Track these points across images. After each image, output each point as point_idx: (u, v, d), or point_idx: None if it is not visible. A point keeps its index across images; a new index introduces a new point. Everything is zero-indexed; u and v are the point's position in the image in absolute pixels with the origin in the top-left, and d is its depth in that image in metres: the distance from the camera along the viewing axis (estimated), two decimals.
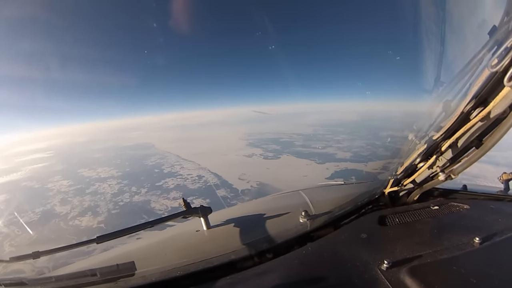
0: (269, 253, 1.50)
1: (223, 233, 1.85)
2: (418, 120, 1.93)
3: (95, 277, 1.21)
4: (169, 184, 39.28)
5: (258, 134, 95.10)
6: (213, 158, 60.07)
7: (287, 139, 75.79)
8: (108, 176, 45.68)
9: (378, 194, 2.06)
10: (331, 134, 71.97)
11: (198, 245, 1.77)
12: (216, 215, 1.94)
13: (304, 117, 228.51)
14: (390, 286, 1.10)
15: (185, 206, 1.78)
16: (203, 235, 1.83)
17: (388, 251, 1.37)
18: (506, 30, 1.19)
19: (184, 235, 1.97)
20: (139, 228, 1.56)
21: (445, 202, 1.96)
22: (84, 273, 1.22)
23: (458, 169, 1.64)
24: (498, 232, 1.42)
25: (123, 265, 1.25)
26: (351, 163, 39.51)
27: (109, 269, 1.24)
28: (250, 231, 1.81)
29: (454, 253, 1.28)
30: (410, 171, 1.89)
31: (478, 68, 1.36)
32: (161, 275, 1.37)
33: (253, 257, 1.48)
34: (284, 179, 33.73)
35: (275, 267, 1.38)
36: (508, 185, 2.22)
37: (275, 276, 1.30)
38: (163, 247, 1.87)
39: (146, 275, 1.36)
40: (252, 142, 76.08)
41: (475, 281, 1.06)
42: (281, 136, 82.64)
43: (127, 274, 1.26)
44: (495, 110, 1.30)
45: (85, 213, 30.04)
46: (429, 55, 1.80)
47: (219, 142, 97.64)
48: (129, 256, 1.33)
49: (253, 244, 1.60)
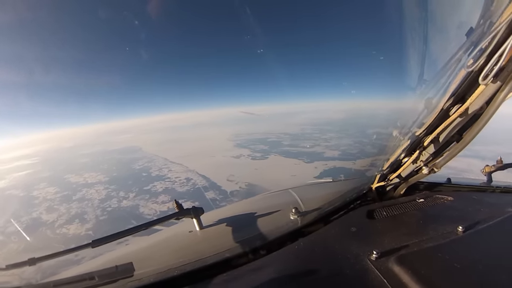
0: (263, 250, 1.53)
1: (216, 232, 1.87)
2: (401, 117, 2.00)
3: (93, 280, 1.21)
4: (157, 187, 38.67)
5: (246, 134, 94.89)
6: (201, 160, 59.55)
7: (275, 139, 75.84)
8: (95, 182, 44.55)
9: (366, 189, 2.12)
10: (319, 133, 72.43)
11: (192, 245, 1.79)
12: (208, 216, 1.96)
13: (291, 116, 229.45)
14: (380, 274, 1.15)
15: (178, 207, 1.79)
16: (196, 236, 1.84)
17: (377, 242, 1.43)
18: (481, 32, 1.26)
19: (177, 236, 1.98)
20: (134, 230, 1.56)
21: (430, 194, 2.05)
22: (82, 276, 1.22)
23: (440, 162, 1.71)
24: (480, 221, 1.50)
25: (122, 266, 1.26)
26: (339, 161, 39.82)
27: (107, 271, 1.24)
28: (242, 230, 1.84)
29: (439, 242, 1.35)
30: (395, 166, 1.95)
31: (456, 67, 1.42)
32: (159, 275, 1.38)
33: (248, 254, 1.51)
34: (272, 179, 33.75)
35: (269, 263, 1.41)
36: (491, 177, 2.36)
37: (270, 271, 1.33)
38: (158, 249, 1.88)
39: (144, 276, 1.37)
40: (240, 143, 75.85)
41: (459, 266, 1.13)
42: (269, 136, 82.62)
43: (126, 276, 1.26)
44: (473, 107, 1.37)
45: (72, 221, 29.18)
46: (411, 54, 1.87)
47: (206, 144, 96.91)
48: (125, 259, 1.34)
49: (247, 242, 1.63)
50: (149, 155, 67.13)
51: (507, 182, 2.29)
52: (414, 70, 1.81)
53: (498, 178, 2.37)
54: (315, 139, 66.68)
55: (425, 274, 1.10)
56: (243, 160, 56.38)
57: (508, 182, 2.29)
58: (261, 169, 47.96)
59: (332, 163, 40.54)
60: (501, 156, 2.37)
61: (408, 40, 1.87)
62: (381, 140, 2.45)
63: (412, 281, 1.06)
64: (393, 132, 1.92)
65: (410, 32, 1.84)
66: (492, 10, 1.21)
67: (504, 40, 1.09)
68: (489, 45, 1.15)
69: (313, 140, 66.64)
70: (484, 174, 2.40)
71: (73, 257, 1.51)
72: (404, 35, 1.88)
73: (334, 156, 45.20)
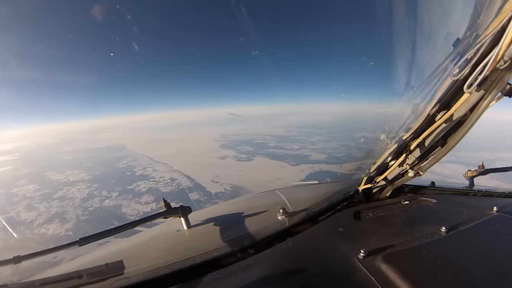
0: (252, 249, 1.54)
1: (204, 232, 1.87)
2: (389, 122, 2.04)
3: (83, 278, 1.19)
4: (141, 187, 37.78)
5: (232, 135, 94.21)
6: (186, 160, 58.81)
7: (261, 140, 75.62)
8: (78, 180, 43.11)
9: (353, 191, 2.15)
10: (305, 136, 72.69)
11: (180, 244, 1.78)
12: (196, 215, 1.95)
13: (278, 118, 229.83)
14: (368, 272, 1.19)
15: (165, 206, 1.79)
16: (184, 235, 1.83)
17: (364, 242, 1.46)
18: (467, 43, 1.32)
19: (165, 235, 1.97)
20: (122, 229, 1.54)
21: (415, 197, 2.12)
22: (71, 275, 1.19)
23: (425, 166, 1.77)
24: (462, 222, 1.57)
25: (112, 264, 1.24)
26: (325, 164, 40.04)
27: (98, 269, 1.22)
28: (230, 229, 1.84)
29: (423, 241, 1.40)
30: (382, 169, 2.00)
31: (443, 75, 1.49)
32: (148, 274, 1.37)
33: (237, 253, 1.51)
34: (258, 181, 33.63)
35: (259, 262, 1.42)
36: (473, 181, 2.47)
37: (259, 269, 1.34)
38: (146, 247, 1.87)
39: (134, 274, 1.36)
40: (226, 143, 75.36)
41: (442, 264, 1.18)
42: (255, 137, 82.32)
43: (116, 274, 1.25)
44: (457, 113, 1.43)
45: (52, 220, 28.09)
46: (400, 61, 1.92)
47: (192, 144, 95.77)
48: (112, 257, 1.31)
49: (235, 241, 1.63)
50: (134, 153, 65.54)
51: (488, 186, 2.40)
52: (402, 77, 1.87)
53: (480, 183, 2.47)
54: (301, 142, 66.91)
55: (411, 271, 1.14)
56: (229, 161, 56.05)
57: (489, 186, 2.40)
58: (246, 171, 47.76)
59: (318, 166, 40.74)
60: (483, 162, 2.48)
61: (397, 47, 1.92)
62: (368, 144, 2.49)
63: (398, 278, 1.10)
64: (380, 136, 1.96)
65: (399, 40, 1.89)
66: (478, 24, 1.28)
67: (488, 52, 1.16)
68: (474, 56, 1.22)
69: (299, 142, 66.82)
70: (467, 179, 2.51)
71: (55, 256, 1.47)
72: (394, 42, 1.92)
73: (321, 159, 45.39)
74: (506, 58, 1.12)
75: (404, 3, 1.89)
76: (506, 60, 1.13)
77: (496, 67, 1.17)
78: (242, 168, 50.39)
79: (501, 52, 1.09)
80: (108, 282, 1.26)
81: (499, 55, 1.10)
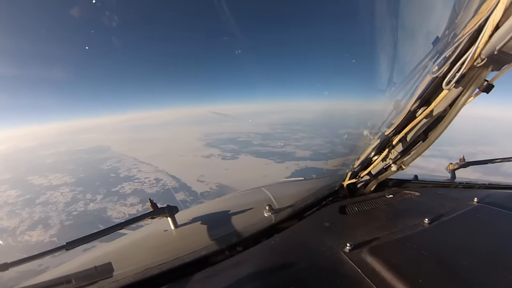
0: (239, 246, 1.55)
1: (191, 231, 1.87)
2: (372, 118, 2.08)
3: (72, 283, 1.16)
4: (126, 189, 37.09)
5: (216, 134, 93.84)
6: (171, 160, 58.17)
7: (245, 138, 75.65)
8: (61, 183, 41.82)
9: (338, 186, 2.17)
10: (289, 133, 73.18)
11: (168, 244, 1.77)
12: (182, 214, 1.94)
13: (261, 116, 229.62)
14: (354, 265, 1.21)
15: (152, 206, 1.76)
16: (172, 235, 1.82)
17: (349, 235, 1.48)
18: (446, 42, 1.37)
19: (153, 236, 1.95)
20: (109, 231, 1.52)
21: (398, 191, 2.16)
22: (60, 279, 1.16)
23: (408, 160, 1.81)
24: (444, 214, 1.62)
25: (101, 267, 1.22)
26: (310, 161, 40.41)
27: (87, 272, 1.19)
28: (217, 228, 1.84)
29: (407, 233, 1.44)
30: (366, 164, 2.02)
31: (423, 72, 1.53)
32: (137, 275, 1.35)
33: (225, 251, 1.52)
34: (243, 180, 33.69)
35: (247, 258, 1.43)
36: (454, 174, 2.55)
37: (248, 266, 1.34)
38: (134, 249, 1.84)
39: (123, 276, 1.34)
40: (210, 142, 75.02)
41: (425, 254, 1.22)
42: (239, 135, 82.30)
43: (106, 277, 1.22)
44: (437, 109, 1.48)
45: (35, 227, 27.10)
46: (382, 59, 1.96)
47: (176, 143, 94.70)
48: (100, 260, 1.29)
49: (223, 239, 1.63)
50: (118, 154, 64.20)
51: (468, 178, 2.48)
52: (384, 74, 1.90)
53: (461, 175, 2.56)
54: (285, 139, 67.27)
55: (396, 262, 1.17)
56: (213, 160, 55.88)
57: (469, 178, 2.49)
58: (232, 170, 47.76)
59: (303, 163, 41.10)
60: (464, 155, 2.57)
61: (379, 45, 1.95)
62: (351, 140, 2.53)
63: (384, 269, 1.13)
64: (363, 132, 2.00)
65: (381, 38, 1.92)
66: (456, 23, 1.33)
67: (466, 50, 1.20)
68: (452, 54, 1.26)
69: (283, 139, 67.15)
70: (448, 172, 2.59)
71: (40, 263, 1.44)
72: (375, 40, 1.96)
73: (305, 156, 45.81)
74: (483, 56, 1.17)
75: (385, 2, 1.93)
76: (483, 58, 1.18)
77: (473, 64, 1.23)
78: (227, 167, 50.34)
79: (478, 51, 1.14)
80: (97, 285, 1.24)
81: (476, 53, 1.15)
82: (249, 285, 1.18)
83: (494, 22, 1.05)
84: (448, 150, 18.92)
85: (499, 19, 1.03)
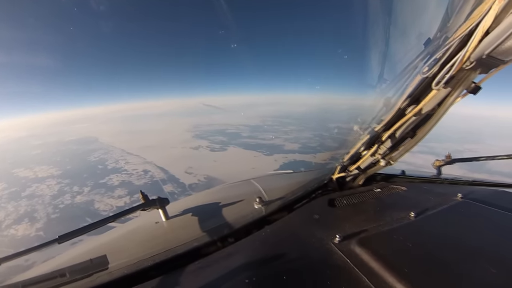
0: (231, 238, 1.57)
1: (182, 222, 1.87)
2: (362, 113, 2.11)
3: (67, 276, 1.15)
4: (113, 181, 36.41)
5: (205, 125, 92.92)
6: (159, 151, 57.37)
7: (234, 130, 75.16)
8: (47, 176, 40.64)
9: (327, 180, 2.21)
10: (279, 125, 73.07)
11: (160, 236, 1.77)
12: (172, 206, 1.94)
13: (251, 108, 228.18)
14: (343, 255, 1.26)
15: (143, 198, 1.77)
16: (163, 226, 1.83)
17: (339, 227, 1.53)
18: (437, 44, 1.41)
19: (144, 228, 1.95)
20: (101, 223, 1.51)
21: (386, 185, 2.22)
22: (53, 274, 1.15)
23: (396, 156, 1.88)
24: (429, 208, 1.67)
25: (97, 259, 1.22)
26: (299, 154, 40.47)
27: (82, 265, 1.19)
28: (208, 219, 1.85)
29: (394, 226, 1.49)
30: (355, 158, 2.06)
31: (413, 72, 1.57)
32: (131, 267, 1.36)
33: (217, 242, 1.53)
34: (231, 172, 33.59)
35: (239, 249, 1.45)
36: (440, 170, 2.63)
37: (240, 257, 1.36)
38: (126, 241, 1.84)
39: (116, 268, 1.35)
40: (199, 133, 74.28)
41: (411, 245, 1.28)
42: (228, 127, 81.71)
43: (101, 269, 1.22)
44: (426, 108, 1.53)
45: (21, 220, 26.35)
46: (374, 58, 2.00)
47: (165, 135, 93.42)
48: (92, 253, 1.29)
49: (214, 231, 1.65)
50: (105, 146, 62.71)
51: (453, 174, 2.57)
52: (376, 72, 1.94)
53: (447, 172, 2.64)
54: (275, 132, 67.14)
55: (383, 253, 1.22)
56: (202, 152, 55.41)
57: (454, 175, 2.57)
58: (220, 161, 47.50)
59: (292, 156, 41.17)
60: (450, 152, 2.64)
61: (372, 43, 1.98)
62: (341, 134, 2.56)
63: (372, 259, 1.18)
64: (354, 127, 2.03)
65: (374, 36, 1.95)
66: (448, 27, 1.38)
67: (456, 53, 1.25)
68: (443, 56, 1.31)
69: (272, 132, 67.03)
70: (435, 168, 2.66)
71: (27, 258, 1.44)
72: (369, 38, 1.99)
73: (294, 149, 45.87)
74: (472, 59, 1.22)
75: (380, 1, 1.96)
76: (472, 61, 1.23)
77: (462, 67, 1.27)
78: (215, 159, 50.05)
79: (468, 54, 1.19)
80: (92, 277, 1.24)
81: (466, 56, 1.20)
82: (242, 276, 1.19)
83: (484, 28, 1.09)
84: (436, 147, 19.27)
85: (489, 25, 1.08)
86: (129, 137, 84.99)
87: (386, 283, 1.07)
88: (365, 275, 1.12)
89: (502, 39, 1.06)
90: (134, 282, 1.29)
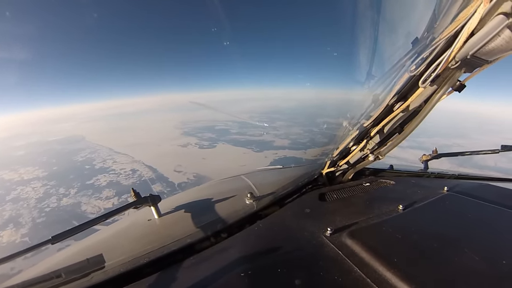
0: (224, 233, 1.58)
1: (175, 219, 1.88)
2: (351, 109, 2.16)
3: (63, 277, 1.14)
4: (101, 181, 35.59)
5: (193, 122, 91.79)
6: (147, 149, 56.42)
7: (223, 126, 74.51)
8: (32, 178, 39.33)
9: (317, 174, 2.26)
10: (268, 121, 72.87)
11: (153, 233, 1.77)
12: (164, 203, 1.94)
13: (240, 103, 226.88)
14: (335, 247, 1.30)
15: (135, 196, 1.76)
16: (156, 224, 1.83)
17: (330, 221, 1.56)
18: (424, 44, 1.46)
19: (137, 226, 1.94)
20: (93, 223, 1.50)
21: (375, 179, 2.28)
22: (50, 275, 1.13)
23: (384, 151, 1.92)
24: (417, 201, 1.73)
25: (93, 259, 1.21)
26: (289, 150, 40.40)
27: (79, 265, 1.18)
28: (201, 215, 1.86)
29: (383, 218, 1.54)
30: (344, 153, 2.12)
31: (401, 70, 1.62)
32: (125, 265, 1.36)
33: (210, 237, 1.54)
34: (221, 169, 33.20)
35: (232, 244, 1.46)
36: (427, 164, 2.72)
37: (234, 251, 1.38)
38: (120, 240, 1.83)
39: (112, 267, 1.34)
40: (187, 130, 73.38)
41: (400, 237, 1.33)
42: (216, 123, 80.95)
43: (98, 268, 1.22)
44: (413, 104, 1.59)
45: (5, 226, 25.49)
46: (363, 55, 2.03)
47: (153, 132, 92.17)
48: (86, 253, 1.29)
49: (207, 227, 1.66)
50: (92, 145, 60.98)
51: (440, 168, 2.66)
52: (365, 69, 1.98)
53: (434, 166, 2.74)
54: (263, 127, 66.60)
55: (373, 244, 1.26)
56: (191, 149, 54.79)
57: (441, 169, 2.67)
58: (209, 159, 47.04)
59: (282, 152, 41.07)
60: (437, 147, 2.74)
61: (360, 40, 2.02)
62: (331, 130, 2.60)
63: (362, 251, 1.23)
64: (343, 123, 2.08)
65: (363, 34, 1.99)
66: (435, 27, 1.43)
67: (442, 52, 1.31)
68: (430, 55, 1.36)
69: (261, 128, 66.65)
70: (422, 162, 2.76)
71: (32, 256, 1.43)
72: (357, 35, 2.03)
73: (284, 145, 45.76)
74: (457, 59, 1.28)
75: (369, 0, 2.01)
76: (457, 61, 1.29)
77: (448, 66, 1.33)
78: (204, 156, 49.61)
79: (453, 54, 1.25)
80: (89, 277, 1.24)
81: (451, 56, 1.26)
82: (237, 270, 1.21)
83: (470, 30, 1.15)
84: (425, 142, 19.63)
85: (474, 27, 1.13)
86: (116, 135, 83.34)
87: (376, 272, 1.12)
88: (356, 266, 1.16)
89: (486, 41, 1.12)
90: (130, 279, 1.29)
